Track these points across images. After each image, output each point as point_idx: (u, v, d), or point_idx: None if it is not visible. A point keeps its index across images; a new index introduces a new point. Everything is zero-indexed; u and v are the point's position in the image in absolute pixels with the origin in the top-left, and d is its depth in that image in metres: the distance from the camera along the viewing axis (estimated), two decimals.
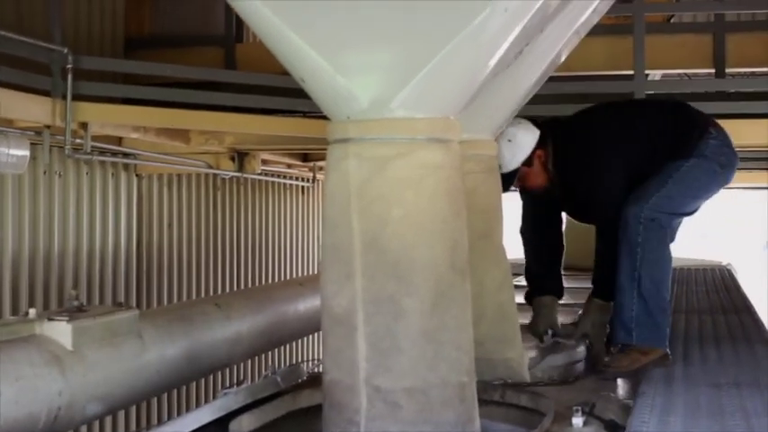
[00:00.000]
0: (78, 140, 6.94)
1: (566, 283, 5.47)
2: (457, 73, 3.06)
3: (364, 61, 3.03)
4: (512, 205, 5.13)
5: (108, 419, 7.98)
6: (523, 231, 5.41)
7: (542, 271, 5.36)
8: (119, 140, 8.08)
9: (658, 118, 5.15)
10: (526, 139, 5.04)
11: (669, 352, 4.72)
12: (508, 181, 5.00)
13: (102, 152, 8.02)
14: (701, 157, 4.90)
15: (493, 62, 3.15)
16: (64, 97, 6.52)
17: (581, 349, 4.94)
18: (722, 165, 4.99)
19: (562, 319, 5.38)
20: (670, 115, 5.15)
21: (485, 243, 4.48)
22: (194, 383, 9.27)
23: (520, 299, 5.14)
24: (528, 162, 5.04)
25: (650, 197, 4.78)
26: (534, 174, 5.11)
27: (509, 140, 4.98)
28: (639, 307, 4.71)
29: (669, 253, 4.85)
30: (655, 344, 4.68)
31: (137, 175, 8.94)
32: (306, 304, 6.21)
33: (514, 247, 5.18)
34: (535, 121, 5.14)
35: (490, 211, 4.66)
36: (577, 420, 3.56)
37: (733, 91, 7.53)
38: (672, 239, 4.97)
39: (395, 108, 3.03)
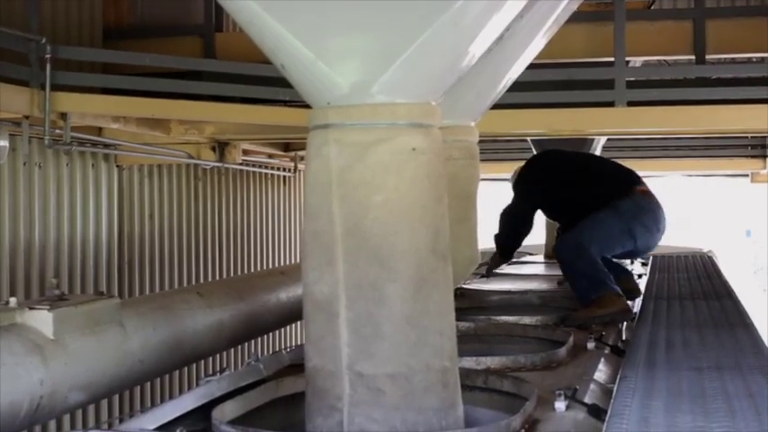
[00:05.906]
0: (58, 131, 6.90)
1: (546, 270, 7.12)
2: (437, 58, 3.06)
3: (344, 47, 3.02)
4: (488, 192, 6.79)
5: (90, 408, 7.93)
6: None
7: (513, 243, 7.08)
8: (99, 131, 8.05)
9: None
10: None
11: (629, 305, 5.82)
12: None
13: (82, 143, 7.98)
14: (615, 212, 6.13)
15: (473, 47, 3.15)
16: (42, 87, 6.48)
17: None
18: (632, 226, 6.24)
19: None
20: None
21: (460, 227, 4.54)
22: (177, 372, 9.25)
23: None
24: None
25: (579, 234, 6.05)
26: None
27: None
28: (584, 282, 5.82)
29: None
30: (604, 290, 5.67)
31: (117, 166, 8.90)
32: (288, 293, 6.19)
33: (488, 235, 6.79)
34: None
35: (468, 198, 4.88)
36: (560, 405, 3.57)
37: (713, 77, 7.54)
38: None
39: (375, 93, 3.02)
